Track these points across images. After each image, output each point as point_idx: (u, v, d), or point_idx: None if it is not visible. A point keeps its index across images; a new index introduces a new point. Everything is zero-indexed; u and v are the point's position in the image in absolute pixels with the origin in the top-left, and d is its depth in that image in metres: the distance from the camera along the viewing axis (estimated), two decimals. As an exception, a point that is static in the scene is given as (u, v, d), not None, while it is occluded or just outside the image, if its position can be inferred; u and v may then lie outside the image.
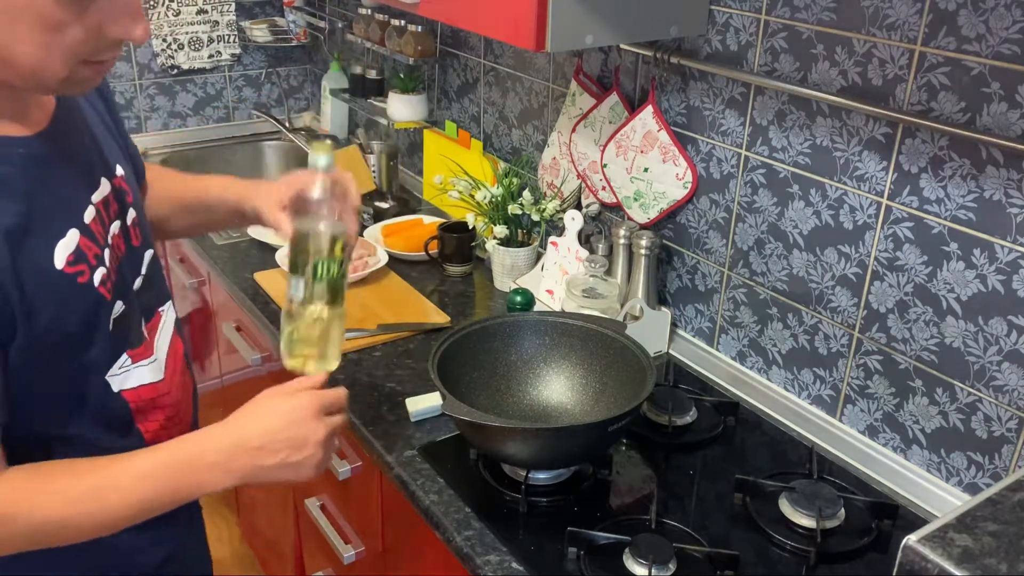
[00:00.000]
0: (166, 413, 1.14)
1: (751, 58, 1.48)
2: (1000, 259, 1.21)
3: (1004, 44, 1.15)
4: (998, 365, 1.24)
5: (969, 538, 0.75)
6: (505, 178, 2.01)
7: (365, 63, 2.61)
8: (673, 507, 1.33)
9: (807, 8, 1.38)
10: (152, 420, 1.12)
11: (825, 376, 1.49)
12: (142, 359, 1.09)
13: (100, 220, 1.02)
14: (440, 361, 1.36)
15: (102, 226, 1.03)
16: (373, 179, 2.32)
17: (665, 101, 1.67)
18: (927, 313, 1.32)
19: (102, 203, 1.04)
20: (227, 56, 2.93)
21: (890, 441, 1.42)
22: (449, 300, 1.91)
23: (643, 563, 1.18)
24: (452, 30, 2.27)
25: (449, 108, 2.37)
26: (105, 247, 1.02)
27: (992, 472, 1.29)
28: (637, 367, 1.38)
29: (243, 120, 3.04)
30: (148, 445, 1.06)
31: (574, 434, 1.28)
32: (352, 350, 1.69)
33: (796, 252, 1.49)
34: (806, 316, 1.50)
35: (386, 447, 1.43)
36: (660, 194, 1.68)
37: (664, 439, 1.47)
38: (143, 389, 1.09)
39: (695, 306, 1.72)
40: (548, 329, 1.49)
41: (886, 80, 1.30)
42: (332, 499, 1.78)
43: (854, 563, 1.24)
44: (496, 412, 1.42)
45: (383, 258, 1.99)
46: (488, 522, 1.28)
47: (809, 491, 1.31)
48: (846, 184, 1.39)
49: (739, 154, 1.55)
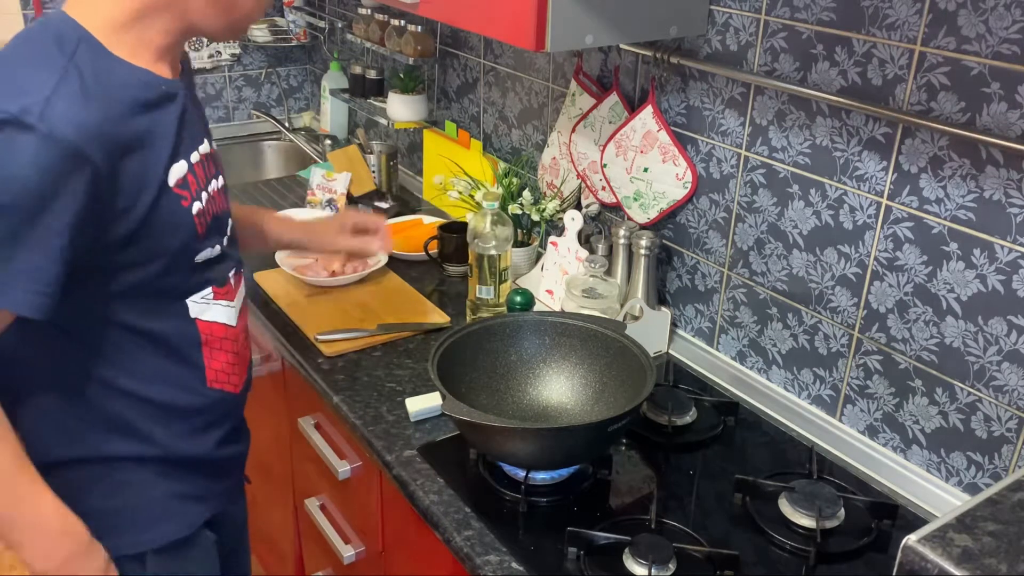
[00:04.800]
0: (230, 359, 1.28)
1: (751, 58, 1.48)
2: (1000, 259, 1.21)
3: (1004, 44, 1.15)
4: (998, 365, 1.24)
5: (969, 538, 0.75)
6: (505, 178, 2.01)
7: (365, 63, 2.61)
8: (673, 507, 1.33)
9: (807, 8, 1.38)
10: (216, 359, 1.25)
11: (825, 376, 1.49)
12: (223, 299, 1.24)
13: (203, 167, 1.19)
14: (440, 361, 1.36)
15: (204, 172, 1.20)
16: (373, 179, 2.32)
17: (665, 101, 1.67)
18: (927, 313, 1.32)
19: (205, 156, 1.21)
20: (227, 56, 2.93)
21: (890, 441, 1.42)
22: (449, 300, 1.91)
23: (643, 563, 1.18)
24: (452, 30, 2.27)
25: (449, 108, 2.37)
26: (203, 190, 1.18)
27: (992, 472, 1.29)
28: (637, 367, 1.38)
29: (243, 120, 3.04)
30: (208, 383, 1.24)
31: (574, 434, 1.28)
32: (352, 350, 1.69)
33: (796, 252, 1.49)
34: (806, 316, 1.50)
35: (386, 447, 1.43)
36: (660, 194, 1.68)
37: (664, 439, 1.47)
38: (216, 326, 1.24)
39: (695, 306, 1.72)
40: (548, 329, 1.49)
41: (886, 80, 1.30)
42: (332, 499, 1.78)
43: (854, 563, 1.24)
44: (496, 412, 1.42)
45: (383, 258, 1.99)
46: (488, 522, 1.28)
47: (809, 491, 1.31)
48: (846, 184, 1.39)
49: (739, 154, 1.55)
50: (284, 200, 2.45)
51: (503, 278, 1.76)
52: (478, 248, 1.73)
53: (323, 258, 1.93)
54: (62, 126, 0.97)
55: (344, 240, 1.62)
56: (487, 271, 1.74)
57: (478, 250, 1.73)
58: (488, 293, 1.75)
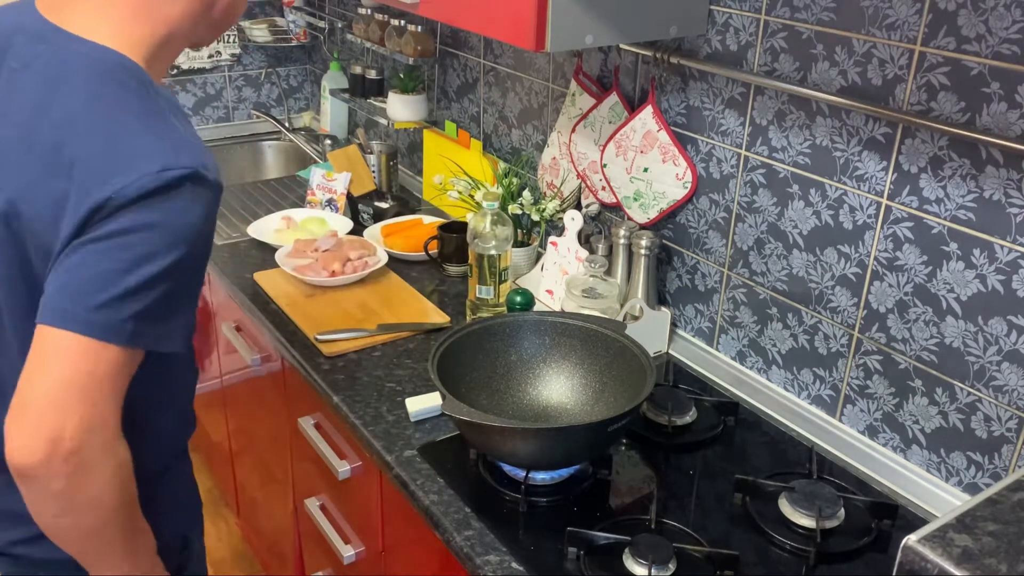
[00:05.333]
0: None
1: (751, 58, 1.48)
2: (1000, 259, 1.21)
3: (1004, 44, 1.15)
4: (998, 365, 1.24)
5: (969, 538, 0.75)
6: (505, 178, 2.01)
7: (365, 63, 2.61)
8: (673, 507, 1.33)
9: (807, 8, 1.38)
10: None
11: (825, 376, 1.49)
12: None
13: None
14: (440, 361, 1.36)
15: None
16: (373, 179, 2.32)
17: (665, 101, 1.67)
18: (927, 313, 1.32)
19: None
20: (227, 56, 2.93)
21: (890, 441, 1.42)
22: (449, 300, 1.91)
23: (643, 563, 1.18)
24: (452, 30, 2.27)
25: (449, 108, 2.37)
26: None
27: (992, 472, 1.29)
28: (637, 367, 1.38)
29: (243, 120, 3.04)
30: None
31: (574, 434, 1.28)
32: (352, 350, 1.69)
33: (796, 252, 1.49)
34: (806, 316, 1.50)
35: (386, 447, 1.43)
36: (660, 194, 1.68)
37: (664, 439, 1.47)
38: None
39: (695, 306, 1.72)
40: (548, 329, 1.49)
41: (886, 80, 1.30)
42: (332, 499, 1.78)
43: (854, 563, 1.24)
44: (496, 412, 1.42)
45: (383, 258, 1.99)
46: (488, 522, 1.28)
47: (809, 491, 1.31)
48: (846, 184, 1.39)
49: (739, 154, 1.55)
50: (284, 200, 2.45)
51: (503, 278, 1.76)
52: (478, 248, 1.73)
53: (323, 258, 1.93)
54: (216, 175, 1.01)
55: None
56: (487, 271, 1.74)
57: (478, 250, 1.73)
58: (488, 293, 1.75)
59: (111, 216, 0.93)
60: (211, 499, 2.72)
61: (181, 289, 1.01)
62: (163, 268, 0.96)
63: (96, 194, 0.93)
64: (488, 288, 1.75)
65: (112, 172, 0.93)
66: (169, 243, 0.96)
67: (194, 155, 0.98)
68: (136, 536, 1.08)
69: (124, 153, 0.95)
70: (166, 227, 0.95)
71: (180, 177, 0.95)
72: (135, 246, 0.94)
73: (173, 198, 0.95)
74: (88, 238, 0.94)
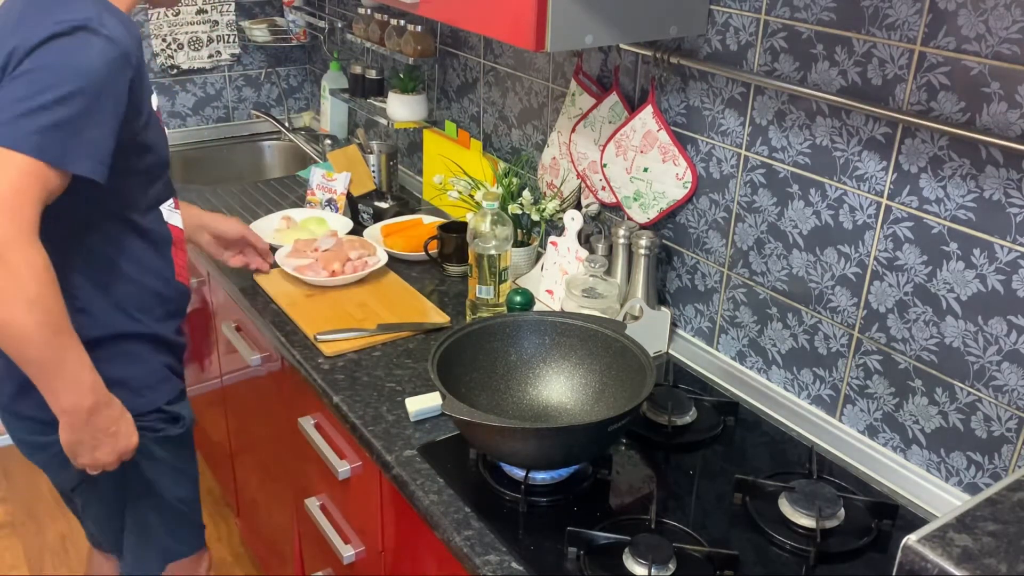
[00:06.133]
0: (185, 258, 1.59)
1: (751, 58, 1.48)
2: (1000, 259, 1.21)
3: (1004, 44, 1.15)
4: (998, 365, 1.24)
5: (969, 538, 0.75)
6: (505, 178, 2.01)
7: (365, 63, 2.61)
8: (673, 507, 1.33)
9: (807, 8, 1.38)
10: (179, 257, 1.56)
11: (825, 376, 1.50)
12: (177, 208, 1.58)
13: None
14: (440, 361, 1.36)
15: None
16: (373, 179, 2.32)
17: (665, 101, 1.67)
18: (927, 313, 1.32)
19: None
20: (227, 56, 2.93)
21: (890, 441, 1.42)
22: (449, 300, 1.91)
23: (643, 563, 1.18)
24: (452, 30, 2.27)
25: (449, 108, 2.37)
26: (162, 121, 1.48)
27: (992, 472, 1.29)
28: (637, 367, 1.38)
29: (243, 120, 3.04)
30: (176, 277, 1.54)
31: (574, 434, 1.28)
32: (352, 350, 1.69)
33: (796, 252, 1.49)
34: (806, 316, 1.50)
35: (386, 447, 1.43)
36: (660, 194, 1.68)
37: (664, 439, 1.47)
38: (176, 229, 1.56)
39: (695, 306, 1.72)
40: (548, 329, 1.49)
41: (886, 80, 1.30)
42: (332, 499, 1.78)
43: (854, 563, 1.24)
44: (496, 412, 1.42)
45: (383, 258, 1.99)
46: (488, 522, 1.28)
47: (809, 491, 1.31)
48: (846, 184, 1.39)
49: (739, 154, 1.55)
50: (284, 200, 2.45)
51: (503, 278, 1.76)
52: (478, 248, 1.73)
53: (323, 258, 1.93)
54: (116, 34, 1.28)
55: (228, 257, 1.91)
56: (487, 271, 1.74)
57: (478, 250, 1.73)
58: (488, 293, 1.75)
59: (21, 61, 1.23)
60: (211, 499, 2.72)
61: (82, 116, 1.24)
62: (61, 95, 1.22)
63: (8, 45, 1.24)
64: (488, 288, 1.75)
65: (24, 30, 1.25)
66: (66, 76, 1.23)
67: (91, 16, 1.26)
68: (68, 351, 1.28)
69: (39, 20, 1.25)
70: (63, 65, 1.23)
71: (72, 27, 1.24)
72: (39, 81, 1.22)
73: (66, 43, 1.24)
74: (7, 79, 1.24)
